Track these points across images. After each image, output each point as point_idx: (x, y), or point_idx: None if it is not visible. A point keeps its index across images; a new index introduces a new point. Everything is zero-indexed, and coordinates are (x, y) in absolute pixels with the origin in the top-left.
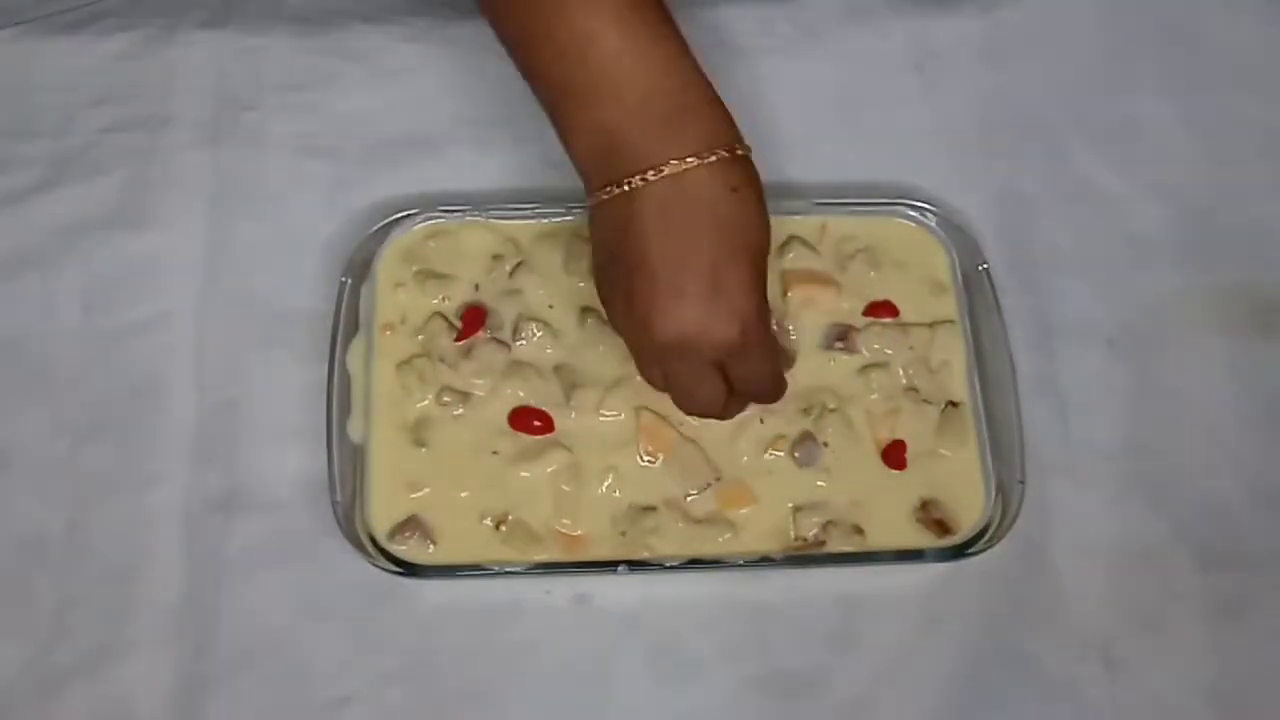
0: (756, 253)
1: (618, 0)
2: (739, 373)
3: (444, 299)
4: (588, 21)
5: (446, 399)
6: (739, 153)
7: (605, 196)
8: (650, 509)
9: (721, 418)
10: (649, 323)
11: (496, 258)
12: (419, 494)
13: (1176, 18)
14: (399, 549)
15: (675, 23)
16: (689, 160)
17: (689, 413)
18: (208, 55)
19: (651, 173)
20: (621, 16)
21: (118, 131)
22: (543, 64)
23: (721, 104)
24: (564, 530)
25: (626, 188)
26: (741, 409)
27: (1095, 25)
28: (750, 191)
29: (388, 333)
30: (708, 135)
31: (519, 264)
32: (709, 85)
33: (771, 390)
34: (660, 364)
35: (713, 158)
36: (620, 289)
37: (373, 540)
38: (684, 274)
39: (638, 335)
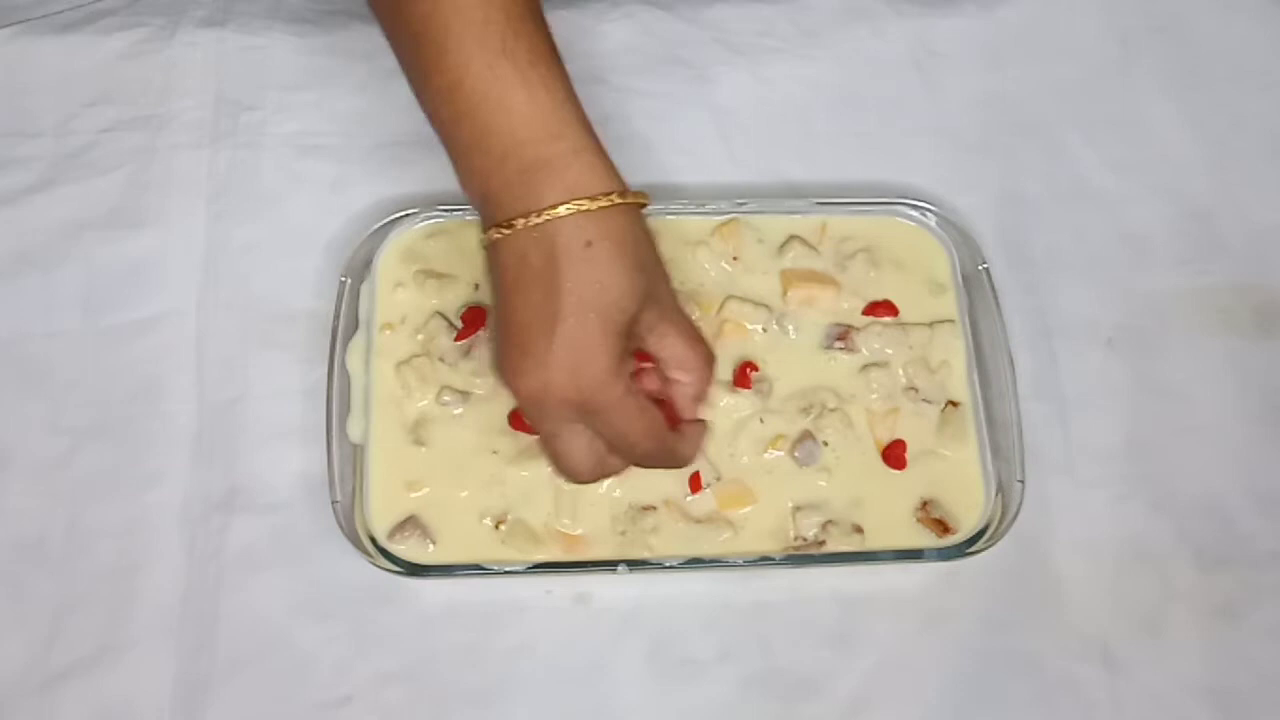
0: (608, 310)
1: (492, 39)
2: (601, 434)
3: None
4: (460, 61)
5: (446, 398)
6: (603, 204)
7: (484, 244)
8: (650, 508)
9: (591, 479)
10: (505, 378)
11: None
12: (419, 493)
13: (1176, 17)
14: (399, 548)
15: (556, 56)
16: (544, 215)
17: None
18: (207, 55)
19: (510, 226)
20: (490, 59)
21: (117, 131)
22: (427, 105)
23: (594, 150)
24: (564, 530)
25: (497, 235)
26: (623, 468)
27: (1095, 24)
28: (608, 245)
29: (387, 332)
30: (567, 187)
31: None
32: (582, 131)
33: (640, 454)
34: (529, 419)
35: (567, 211)
36: (493, 343)
37: (372, 540)
38: (528, 331)
39: (505, 390)
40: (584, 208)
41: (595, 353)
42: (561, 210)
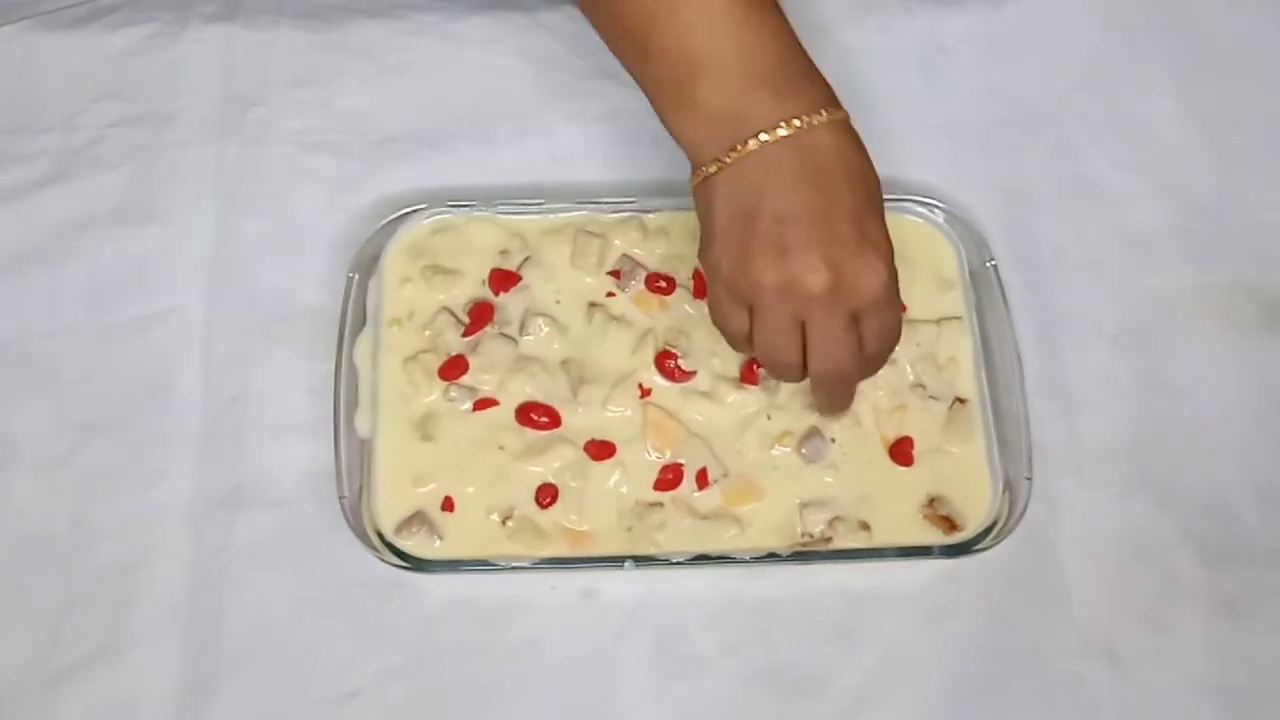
0: (882, 205)
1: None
2: (875, 325)
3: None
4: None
5: (453, 394)
6: (844, 115)
7: (729, 160)
8: (657, 505)
9: (849, 379)
10: (801, 273)
11: (503, 253)
12: (425, 489)
13: (1181, 14)
14: (405, 544)
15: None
16: (814, 117)
17: (823, 372)
18: (214, 51)
19: (779, 129)
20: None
21: (123, 127)
22: (656, 46)
23: (819, 70)
24: (570, 525)
25: (755, 144)
26: (865, 374)
27: (1102, 22)
28: (862, 148)
29: (394, 328)
30: (821, 97)
31: (526, 259)
32: (807, 53)
33: (891, 346)
34: (803, 317)
35: (832, 115)
36: (765, 245)
37: (379, 535)
38: (834, 224)
39: (785, 289)
40: (840, 114)
41: (889, 242)
42: (831, 114)
